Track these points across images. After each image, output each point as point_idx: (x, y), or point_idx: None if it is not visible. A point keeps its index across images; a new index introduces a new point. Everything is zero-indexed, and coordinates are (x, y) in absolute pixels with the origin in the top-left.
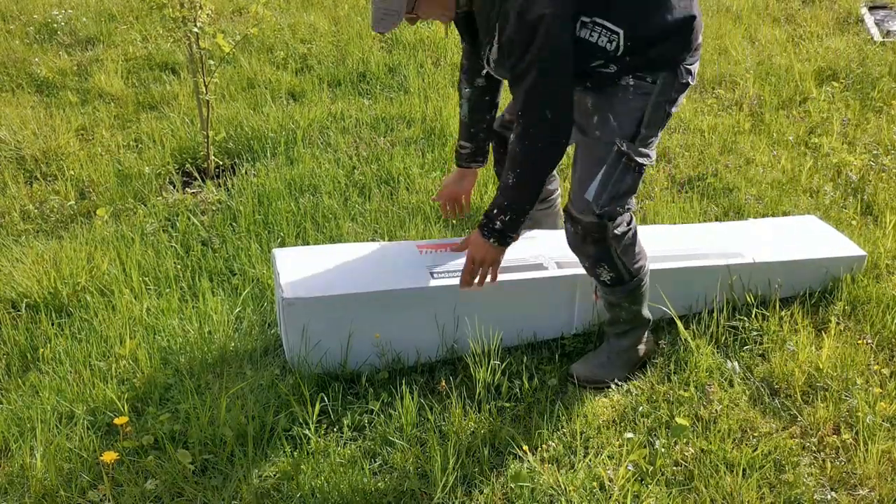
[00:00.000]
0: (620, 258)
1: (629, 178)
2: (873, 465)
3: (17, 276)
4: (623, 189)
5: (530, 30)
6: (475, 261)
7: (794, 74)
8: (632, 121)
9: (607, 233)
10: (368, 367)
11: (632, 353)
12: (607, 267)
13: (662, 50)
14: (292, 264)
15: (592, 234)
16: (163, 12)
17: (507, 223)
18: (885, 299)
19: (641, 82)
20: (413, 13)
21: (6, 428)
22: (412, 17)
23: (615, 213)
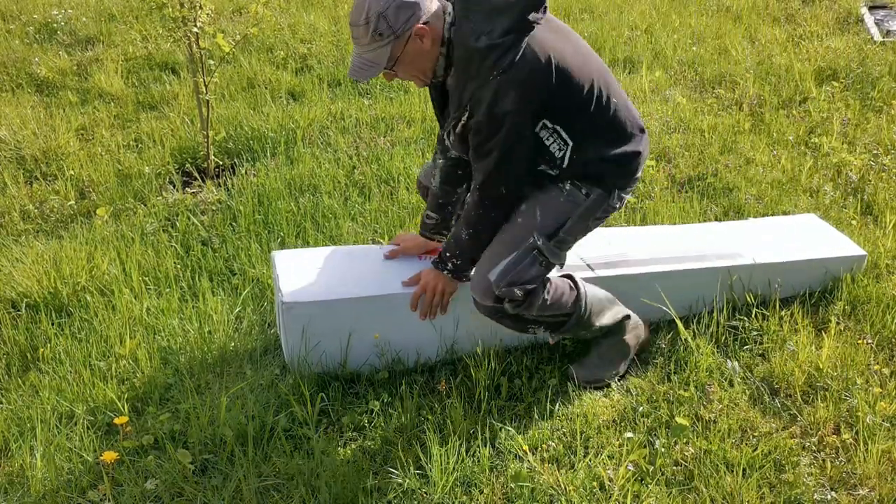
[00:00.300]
0: (541, 316)
1: (535, 269)
2: (873, 464)
3: (17, 275)
4: (526, 278)
5: (497, 121)
6: (428, 287)
7: (794, 74)
8: (555, 221)
9: (506, 311)
10: (368, 368)
11: (621, 346)
12: (536, 327)
13: (603, 172)
14: (292, 267)
15: (495, 314)
16: (163, 12)
17: (458, 266)
18: (885, 299)
19: (576, 191)
20: (392, 70)
21: (6, 428)
22: (391, 73)
23: (512, 296)
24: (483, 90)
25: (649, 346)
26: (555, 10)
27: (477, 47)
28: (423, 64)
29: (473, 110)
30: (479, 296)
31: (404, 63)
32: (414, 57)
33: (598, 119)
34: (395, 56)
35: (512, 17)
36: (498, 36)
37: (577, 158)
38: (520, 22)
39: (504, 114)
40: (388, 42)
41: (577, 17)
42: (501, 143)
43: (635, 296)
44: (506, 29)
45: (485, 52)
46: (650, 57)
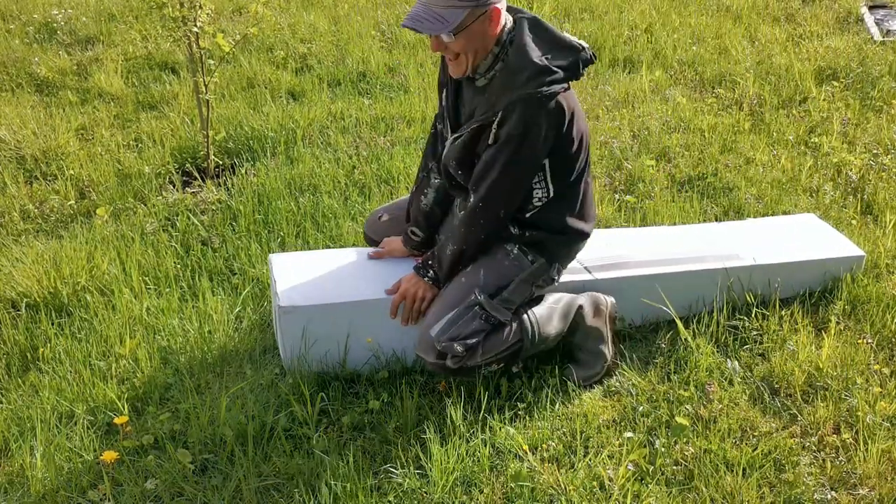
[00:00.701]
0: (490, 356)
1: (475, 324)
2: (873, 464)
3: (17, 275)
4: (466, 333)
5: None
6: (408, 294)
7: (794, 74)
8: (497, 282)
9: (449, 367)
10: (368, 367)
11: (594, 332)
12: (488, 367)
13: (551, 245)
14: (289, 271)
15: (440, 370)
16: (163, 12)
17: (440, 273)
18: (885, 299)
19: (522, 256)
20: (453, 37)
21: (6, 428)
22: (446, 42)
23: (453, 351)
24: (525, 104)
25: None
26: (555, 9)
27: (535, 61)
28: (478, 46)
29: (505, 121)
30: (422, 351)
31: (466, 36)
32: (476, 35)
33: (576, 188)
34: (465, 24)
35: (571, 58)
36: (555, 65)
37: (543, 215)
38: (574, 65)
39: (537, 136)
40: (469, 5)
41: (577, 16)
42: (522, 163)
43: (635, 296)
44: (562, 65)
45: (541, 69)
46: (650, 57)
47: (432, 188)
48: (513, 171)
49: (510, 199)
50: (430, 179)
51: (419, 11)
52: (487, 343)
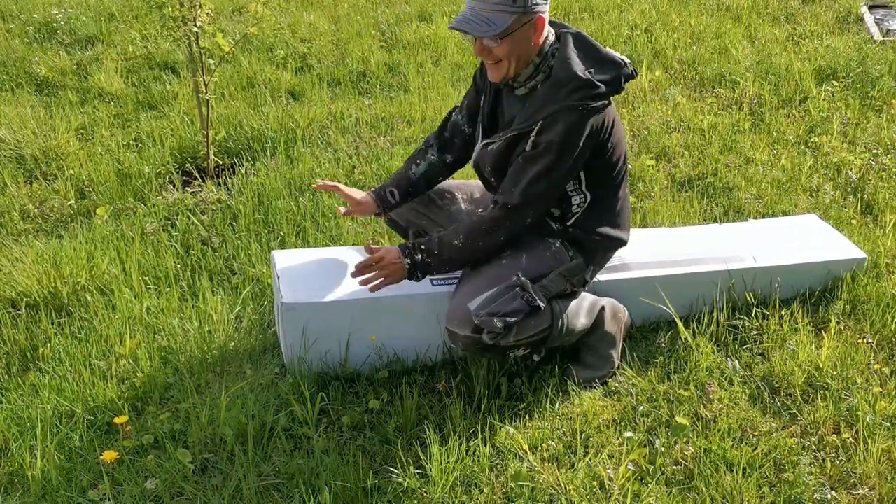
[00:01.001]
0: (520, 340)
1: (516, 304)
2: (873, 464)
3: (17, 275)
4: (506, 311)
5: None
6: (382, 267)
7: (793, 73)
8: (538, 269)
9: (484, 343)
10: (368, 367)
11: (609, 338)
12: (516, 350)
13: (593, 246)
14: (291, 268)
15: (472, 346)
16: (162, 11)
17: (425, 266)
18: (885, 298)
19: (563, 251)
20: (498, 42)
21: (6, 427)
22: (489, 46)
23: (492, 327)
24: (567, 114)
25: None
26: (555, 9)
27: (579, 75)
28: (522, 53)
29: (545, 129)
30: (456, 325)
31: (511, 41)
32: (521, 42)
33: (613, 198)
34: (511, 29)
35: (613, 73)
36: (598, 80)
37: (583, 221)
38: (617, 80)
39: (575, 146)
40: (516, 11)
41: (578, 16)
42: (558, 170)
43: (635, 297)
44: (605, 80)
45: (583, 82)
46: (650, 56)
47: (426, 161)
48: (547, 179)
49: (540, 206)
50: (427, 153)
51: (468, 14)
52: (521, 324)
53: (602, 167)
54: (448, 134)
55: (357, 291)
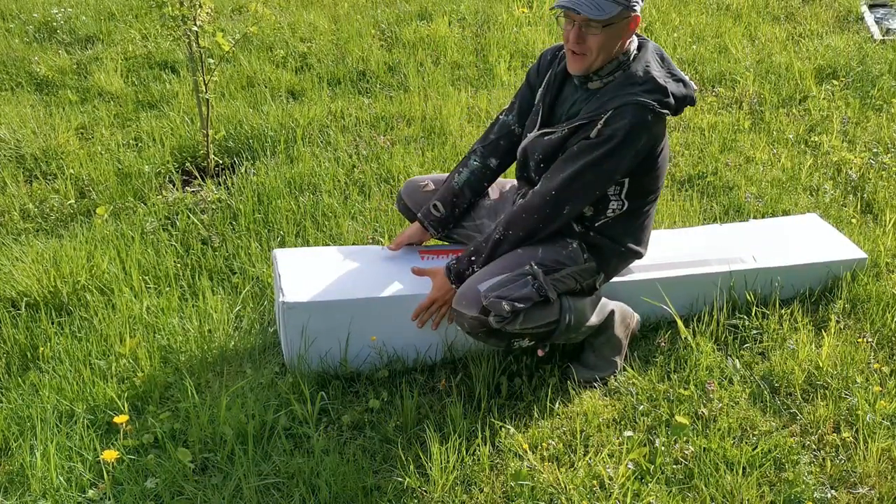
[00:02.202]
0: (526, 329)
1: (525, 290)
2: (873, 463)
3: (17, 274)
4: (516, 296)
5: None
6: (437, 300)
7: (794, 73)
8: (552, 263)
9: (489, 326)
10: (368, 366)
11: (614, 342)
12: (520, 340)
13: (609, 254)
14: (294, 267)
15: (478, 328)
16: (162, 11)
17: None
18: (885, 297)
19: (579, 252)
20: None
21: (6, 427)
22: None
23: (499, 310)
24: (636, 110)
25: (642, 340)
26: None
27: (656, 79)
28: (612, 46)
29: (612, 120)
30: (464, 305)
31: (608, 33)
32: (615, 35)
33: (646, 211)
34: (614, 20)
35: (684, 91)
36: (671, 91)
37: (610, 226)
38: (683, 99)
39: (634, 145)
40: (622, 4)
41: None
42: (606, 164)
43: (636, 297)
44: (675, 93)
45: (658, 86)
46: None
47: (468, 168)
48: (596, 171)
49: (580, 199)
50: (469, 160)
51: None
52: (529, 313)
53: (646, 179)
54: (495, 136)
55: (357, 291)
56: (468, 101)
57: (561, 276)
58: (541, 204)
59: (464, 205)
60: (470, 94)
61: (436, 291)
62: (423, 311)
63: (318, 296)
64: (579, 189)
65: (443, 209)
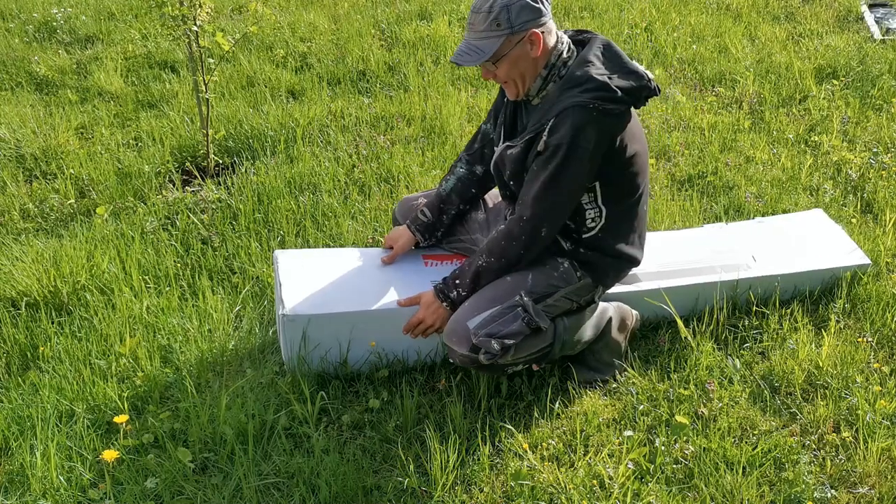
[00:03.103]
0: (519, 358)
1: (516, 325)
2: (873, 462)
3: (17, 274)
4: (505, 332)
5: (574, 151)
6: (427, 318)
7: (794, 72)
8: (543, 289)
9: (481, 362)
10: (368, 366)
11: (613, 346)
12: (514, 367)
13: (603, 266)
14: (294, 274)
15: (469, 364)
16: (162, 10)
17: (463, 293)
18: (885, 297)
19: (571, 272)
20: (495, 66)
21: (6, 426)
22: (491, 69)
23: (489, 348)
24: (576, 113)
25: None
26: (555, 8)
27: (595, 77)
28: (524, 69)
29: (555, 129)
30: (454, 342)
31: (507, 62)
32: (518, 59)
33: (630, 214)
34: (502, 52)
35: (635, 83)
36: (615, 86)
37: (597, 240)
38: (636, 91)
39: (585, 149)
40: (503, 34)
41: (577, 14)
42: (563, 174)
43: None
44: (624, 87)
45: (599, 84)
46: (650, 55)
47: (455, 175)
48: (557, 186)
49: (554, 217)
50: (456, 167)
51: (461, 47)
52: (520, 345)
53: (618, 179)
54: (479, 145)
55: (359, 303)
56: (468, 101)
57: (554, 300)
58: (518, 231)
59: (452, 211)
60: (470, 93)
61: (423, 311)
62: (412, 329)
63: (318, 307)
64: (549, 208)
65: (430, 214)
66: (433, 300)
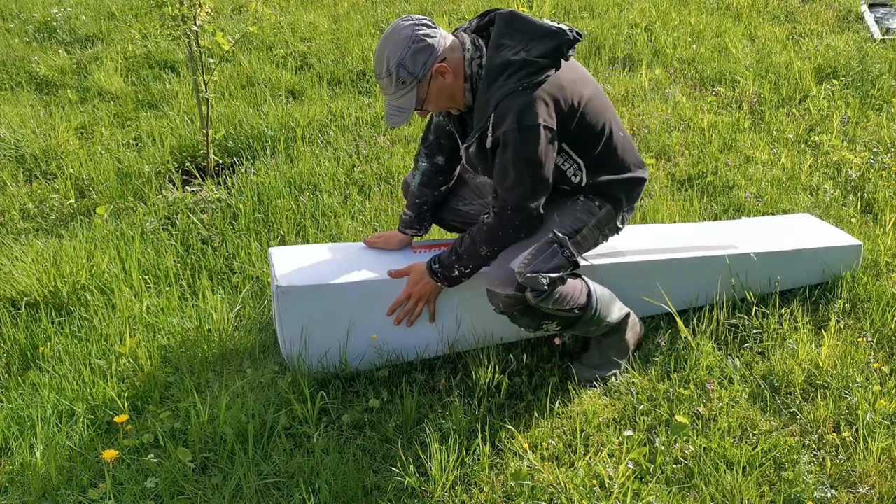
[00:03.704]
0: (558, 311)
1: (557, 260)
2: (873, 462)
3: (17, 274)
4: (548, 267)
5: (528, 133)
6: (413, 294)
7: (794, 72)
8: (572, 224)
9: (526, 303)
10: (368, 365)
11: (622, 345)
12: (549, 322)
13: (614, 188)
14: (288, 258)
15: (514, 307)
16: (162, 10)
17: (465, 274)
18: (885, 297)
19: (591, 203)
20: (424, 109)
21: (6, 426)
22: (424, 112)
23: (537, 284)
24: (511, 100)
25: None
26: (555, 7)
27: (512, 59)
28: (450, 96)
29: (498, 122)
30: (499, 285)
31: (432, 101)
32: (439, 93)
33: (608, 152)
34: (421, 98)
35: (551, 44)
36: (535, 56)
37: (590, 180)
38: (556, 50)
39: (534, 126)
40: (412, 87)
41: (577, 14)
42: (533, 155)
43: (632, 289)
44: (543, 53)
45: (520, 65)
46: (650, 55)
47: (419, 171)
48: (526, 167)
49: (536, 194)
50: (418, 163)
51: (387, 110)
52: (562, 294)
53: (582, 132)
54: (433, 136)
55: (352, 277)
56: None
57: (583, 236)
58: (505, 219)
59: (428, 201)
60: None
61: (411, 286)
62: (400, 308)
63: (313, 280)
64: (530, 188)
65: (409, 212)
66: (423, 276)
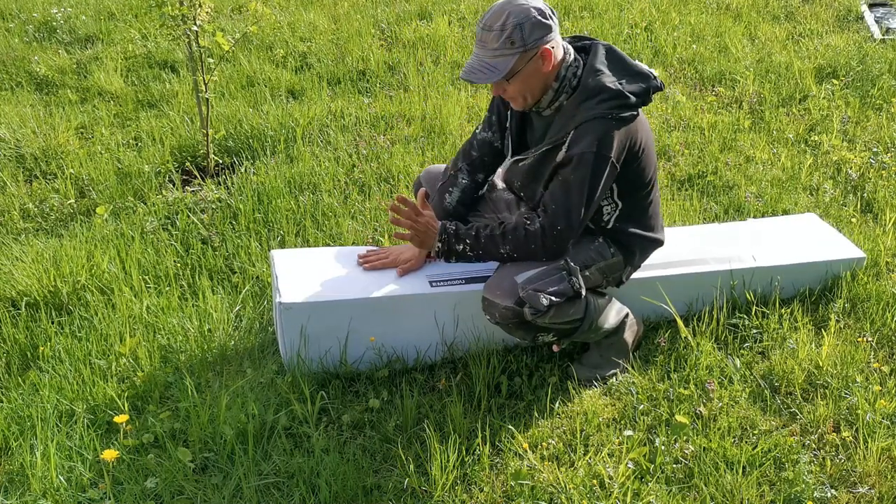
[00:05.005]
0: (554, 323)
1: (562, 286)
2: (873, 462)
3: (17, 274)
4: (550, 289)
5: (599, 161)
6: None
7: (793, 72)
8: (583, 260)
9: (522, 317)
10: (368, 366)
11: (621, 345)
12: (545, 334)
13: (632, 242)
14: (290, 267)
15: (510, 319)
16: (162, 10)
17: (464, 254)
18: (885, 297)
19: (606, 248)
20: (507, 82)
21: (6, 426)
22: (502, 85)
23: (536, 303)
24: (597, 124)
25: (642, 341)
26: (554, 7)
27: (608, 86)
28: (535, 84)
29: (577, 140)
30: (499, 295)
31: (520, 79)
32: (530, 76)
33: (644, 204)
34: (516, 69)
35: (643, 85)
36: (629, 91)
37: (616, 224)
38: (645, 92)
39: (608, 157)
40: (516, 52)
41: (577, 14)
42: (591, 183)
43: (635, 295)
44: (635, 91)
45: (615, 94)
46: (650, 55)
47: (458, 188)
48: (590, 193)
49: (583, 222)
50: (458, 179)
51: (473, 63)
52: (560, 308)
53: (633, 177)
54: (477, 153)
55: (355, 292)
56: (468, 101)
57: (590, 272)
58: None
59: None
60: (470, 93)
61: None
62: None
63: (315, 296)
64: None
65: None
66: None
